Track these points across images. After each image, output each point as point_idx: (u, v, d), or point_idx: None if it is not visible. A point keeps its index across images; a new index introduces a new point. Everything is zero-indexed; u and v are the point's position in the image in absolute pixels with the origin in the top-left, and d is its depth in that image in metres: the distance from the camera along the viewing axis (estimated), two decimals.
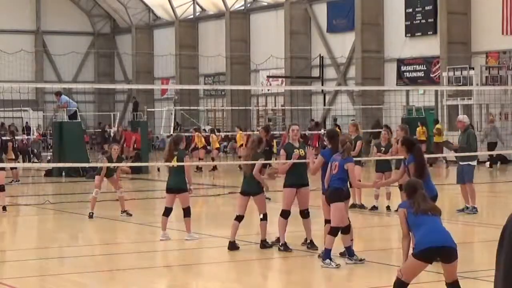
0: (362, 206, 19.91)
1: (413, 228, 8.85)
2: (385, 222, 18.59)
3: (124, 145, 36.41)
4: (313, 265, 12.85)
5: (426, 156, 17.96)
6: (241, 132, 37.59)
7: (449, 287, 8.95)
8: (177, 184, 15.22)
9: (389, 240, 15.83)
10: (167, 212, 15.31)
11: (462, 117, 19.88)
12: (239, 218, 14.02)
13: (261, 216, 13.95)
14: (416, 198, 8.93)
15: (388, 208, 19.29)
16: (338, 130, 40.64)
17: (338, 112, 45.42)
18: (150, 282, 11.80)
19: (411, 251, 8.85)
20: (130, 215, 18.72)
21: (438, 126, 36.47)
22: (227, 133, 47.16)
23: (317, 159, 13.40)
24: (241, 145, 36.86)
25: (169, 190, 15.35)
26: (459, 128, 19.27)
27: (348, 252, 12.70)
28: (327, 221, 12.85)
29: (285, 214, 13.73)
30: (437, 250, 8.60)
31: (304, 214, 13.89)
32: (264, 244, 14.03)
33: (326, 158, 13.12)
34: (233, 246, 13.91)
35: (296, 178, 13.72)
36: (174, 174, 15.33)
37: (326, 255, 12.32)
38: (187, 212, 15.25)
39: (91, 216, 18.59)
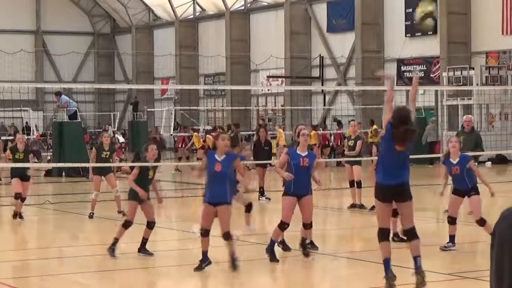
0: (362, 206, 19.90)
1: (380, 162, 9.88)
2: None
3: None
4: (313, 265, 12.85)
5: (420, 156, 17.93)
6: (196, 134, 36.83)
7: (406, 234, 9.51)
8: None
9: (389, 240, 15.80)
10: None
11: (471, 117, 19.75)
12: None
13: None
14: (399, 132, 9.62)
15: None
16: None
17: (338, 112, 45.41)
18: (150, 282, 11.79)
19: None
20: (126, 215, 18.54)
21: (375, 126, 36.80)
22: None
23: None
24: (202, 147, 36.49)
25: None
26: (466, 127, 19.06)
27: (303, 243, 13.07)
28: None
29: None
30: (390, 189, 9.66)
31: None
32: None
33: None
34: (286, 247, 13.58)
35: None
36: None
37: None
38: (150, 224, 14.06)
39: (91, 216, 18.59)
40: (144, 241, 13.53)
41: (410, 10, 43.85)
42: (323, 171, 11.99)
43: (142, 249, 13.50)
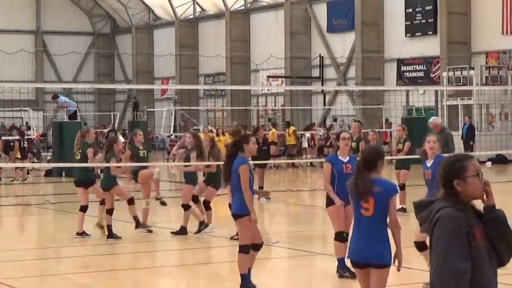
0: None
1: None
2: None
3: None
4: (313, 265, 12.85)
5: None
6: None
7: None
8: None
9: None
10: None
11: (437, 118, 19.60)
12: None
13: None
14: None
15: None
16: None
17: (338, 112, 45.42)
18: (150, 282, 11.80)
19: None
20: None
21: (293, 128, 37.11)
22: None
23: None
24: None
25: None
26: (433, 129, 18.66)
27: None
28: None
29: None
30: None
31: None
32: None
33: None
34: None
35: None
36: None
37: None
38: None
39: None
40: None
41: (410, 10, 43.85)
42: None
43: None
